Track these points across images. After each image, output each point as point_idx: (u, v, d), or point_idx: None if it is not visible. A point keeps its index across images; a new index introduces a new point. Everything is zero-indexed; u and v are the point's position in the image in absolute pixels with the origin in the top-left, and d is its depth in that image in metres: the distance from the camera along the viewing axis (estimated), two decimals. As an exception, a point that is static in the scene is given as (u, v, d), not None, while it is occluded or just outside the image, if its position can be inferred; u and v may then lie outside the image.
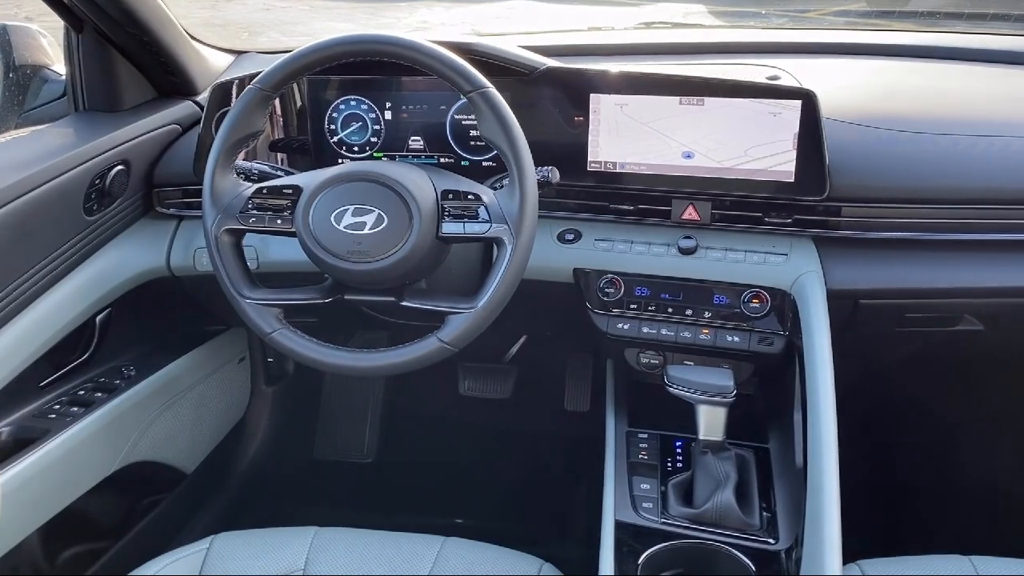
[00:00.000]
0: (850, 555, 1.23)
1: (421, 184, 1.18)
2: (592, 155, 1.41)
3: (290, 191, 1.20)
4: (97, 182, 1.48)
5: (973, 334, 1.46)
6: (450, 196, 1.18)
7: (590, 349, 2.11)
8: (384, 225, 1.15)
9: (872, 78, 1.66)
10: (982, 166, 1.36)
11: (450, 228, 1.17)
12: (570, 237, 1.46)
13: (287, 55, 1.20)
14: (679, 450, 1.38)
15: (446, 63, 1.16)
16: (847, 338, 1.42)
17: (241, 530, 1.29)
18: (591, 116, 1.39)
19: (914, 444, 2.06)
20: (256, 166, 1.36)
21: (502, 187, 1.20)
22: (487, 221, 1.16)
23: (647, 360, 1.49)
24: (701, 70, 1.40)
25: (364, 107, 1.49)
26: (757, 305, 1.37)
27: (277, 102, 1.50)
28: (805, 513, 1.17)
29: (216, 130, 1.33)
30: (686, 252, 1.40)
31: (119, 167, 1.52)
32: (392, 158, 1.50)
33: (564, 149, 1.41)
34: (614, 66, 1.41)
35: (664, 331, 1.41)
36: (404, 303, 1.21)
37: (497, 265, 1.15)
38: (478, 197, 1.17)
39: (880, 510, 1.94)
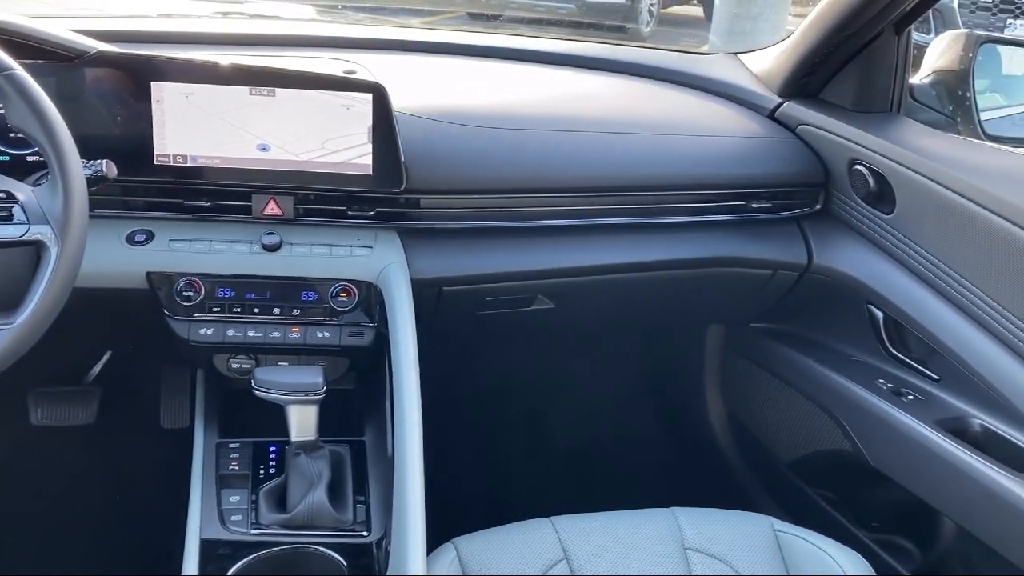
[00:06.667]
0: (447, 535, 1.27)
1: None
2: (159, 148, 1.30)
3: None
4: None
5: (546, 312, 1.60)
6: None
7: (185, 359, 1.97)
8: None
9: (452, 76, 1.74)
10: (550, 159, 1.48)
11: None
12: (141, 238, 1.33)
13: None
14: (273, 455, 1.33)
15: None
16: (436, 324, 1.48)
17: None
18: (154, 106, 1.28)
19: (509, 419, 2.21)
20: None
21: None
22: (24, 223, 1.02)
23: (238, 365, 1.41)
24: (278, 62, 1.36)
25: None
26: (345, 299, 1.36)
27: None
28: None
29: None
30: (270, 249, 1.35)
31: None
32: None
33: (125, 142, 1.29)
34: (180, 54, 1.32)
35: (251, 333, 1.35)
36: None
37: (40, 273, 1.01)
38: (11, 195, 1.04)
39: (481, 487, 2.05)
